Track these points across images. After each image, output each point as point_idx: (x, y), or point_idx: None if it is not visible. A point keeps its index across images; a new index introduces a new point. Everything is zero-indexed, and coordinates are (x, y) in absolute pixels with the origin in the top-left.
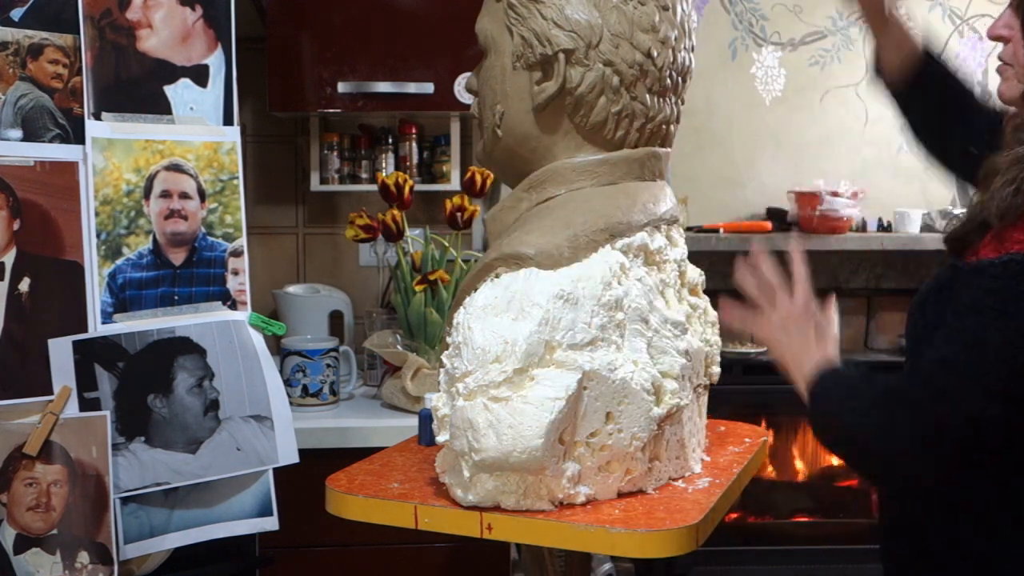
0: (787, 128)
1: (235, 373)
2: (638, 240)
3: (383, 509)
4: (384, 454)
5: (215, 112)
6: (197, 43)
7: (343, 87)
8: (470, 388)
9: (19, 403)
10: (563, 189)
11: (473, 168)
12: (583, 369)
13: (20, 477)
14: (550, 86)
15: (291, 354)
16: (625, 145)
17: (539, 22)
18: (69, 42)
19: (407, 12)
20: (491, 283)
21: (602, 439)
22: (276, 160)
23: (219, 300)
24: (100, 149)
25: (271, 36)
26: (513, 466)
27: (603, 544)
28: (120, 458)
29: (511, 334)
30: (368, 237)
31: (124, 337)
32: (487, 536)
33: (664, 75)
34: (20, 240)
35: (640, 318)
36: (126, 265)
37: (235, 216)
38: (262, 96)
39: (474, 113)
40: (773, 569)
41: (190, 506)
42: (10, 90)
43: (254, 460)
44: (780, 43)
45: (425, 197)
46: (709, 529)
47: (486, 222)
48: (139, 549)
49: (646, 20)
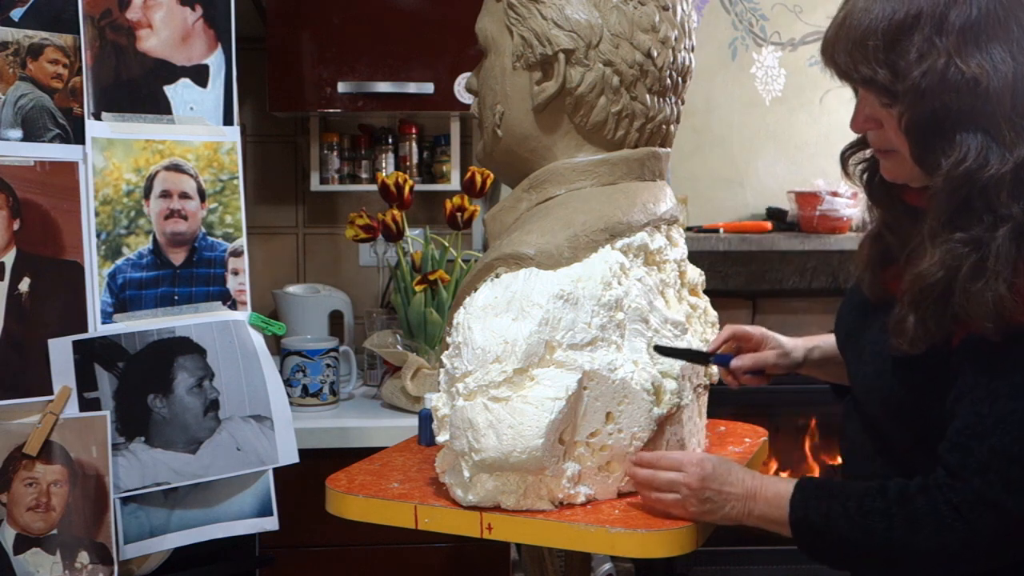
0: (787, 128)
1: (235, 373)
2: (638, 240)
3: (383, 509)
4: (384, 454)
5: (215, 112)
6: (197, 43)
7: (343, 87)
8: (470, 388)
9: (19, 403)
10: (563, 189)
11: (473, 168)
12: (583, 369)
13: (20, 477)
14: (550, 86)
15: (291, 354)
16: (625, 145)
17: (539, 22)
18: (69, 42)
19: (407, 12)
20: (491, 283)
21: (602, 439)
22: (276, 160)
23: (219, 300)
24: (100, 149)
25: (271, 36)
26: (513, 466)
27: (603, 544)
28: (120, 458)
29: (511, 334)
30: (368, 237)
31: (124, 337)
32: (487, 536)
33: (664, 75)
34: (20, 240)
35: (640, 318)
36: (126, 265)
37: (235, 216)
38: (262, 96)
39: (474, 113)
40: (773, 569)
41: (190, 506)
42: (10, 90)
43: (254, 460)
44: (780, 43)
45: (425, 197)
46: (709, 529)
47: (486, 222)
48: (139, 549)
49: (646, 20)
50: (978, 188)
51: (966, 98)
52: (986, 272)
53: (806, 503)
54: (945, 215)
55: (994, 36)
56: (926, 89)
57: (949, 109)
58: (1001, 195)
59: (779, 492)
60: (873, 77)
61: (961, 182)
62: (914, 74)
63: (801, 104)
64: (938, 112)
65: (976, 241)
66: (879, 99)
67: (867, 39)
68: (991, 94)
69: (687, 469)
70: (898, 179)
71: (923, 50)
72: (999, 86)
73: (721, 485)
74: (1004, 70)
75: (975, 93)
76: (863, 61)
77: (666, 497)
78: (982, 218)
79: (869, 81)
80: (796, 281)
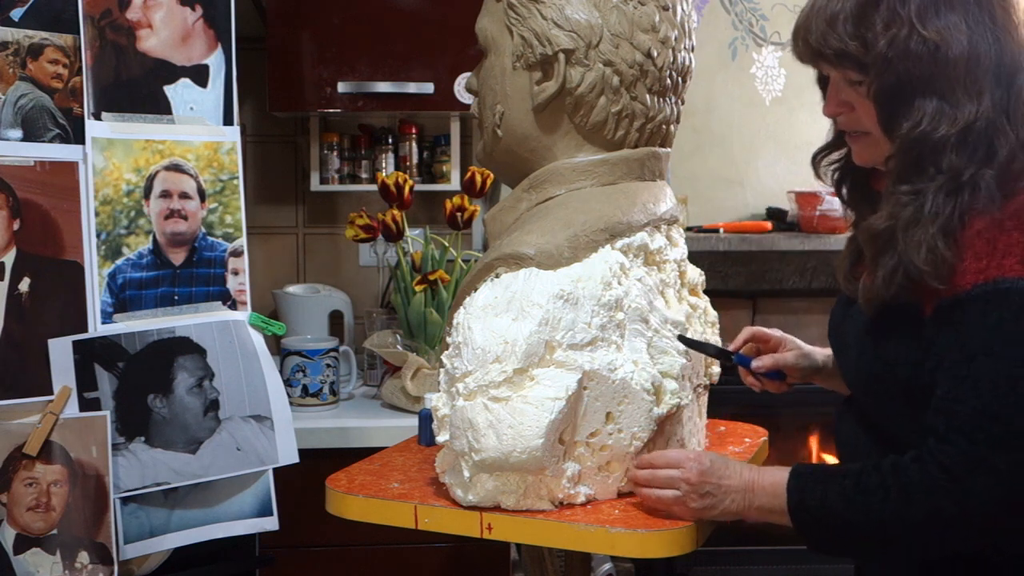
0: (787, 128)
1: (235, 373)
2: (638, 240)
3: (383, 509)
4: (384, 454)
5: (215, 112)
6: (197, 43)
7: (343, 87)
8: (470, 388)
9: (19, 403)
10: (563, 189)
11: (473, 168)
12: (583, 369)
13: (20, 477)
14: (550, 86)
15: (291, 354)
16: (625, 145)
17: (539, 22)
18: (69, 42)
19: (407, 12)
20: (491, 283)
21: (602, 439)
22: (276, 160)
23: (219, 300)
24: (100, 149)
25: (271, 36)
26: (513, 466)
27: (603, 544)
28: (120, 458)
29: (511, 334)
30: (368, 237)
31: (124, 337)
32: (487, 536)
33: (664, 75)
34: (20, 240)
35: (640, 318)
36: (126, 265)
37: (235, 216)
38: (262, 96)
39: (474, 113)
40: (773, 569)
41: (190, 506)
42: (10, 90)
43: (254, 460)
44: (780, 43)
45: (425, 197)
46: (709, 529)
47: (486, 222)
48: (139, 549)
49: (646, 20)
50: (928, 148)
51: (927, 64)
52: (922, 220)
53: (802, 488)
54: (896, 173)
55: (950, 6)
56: (892, 57)
57: (911, 75)
58: (947, 153)
59: (776, 481)
60: (844, 50)
61: (914, 143)
62: (880, 44)
63: (801, 104)
64: (902, 78)
65: (916, 192)
66: (850, 76)
67: (837, 16)
68: (949, 60)
69: (685, 465)
70: (868, 162)
71: (888, 20)
72: (956, 53)
73: (720, 479)
74: (960, 37)
75: (935, 59)
76: (834, 36)
77: (666, 495)
78: (926, 173)
79: (841, 55)
80: (796, 281)
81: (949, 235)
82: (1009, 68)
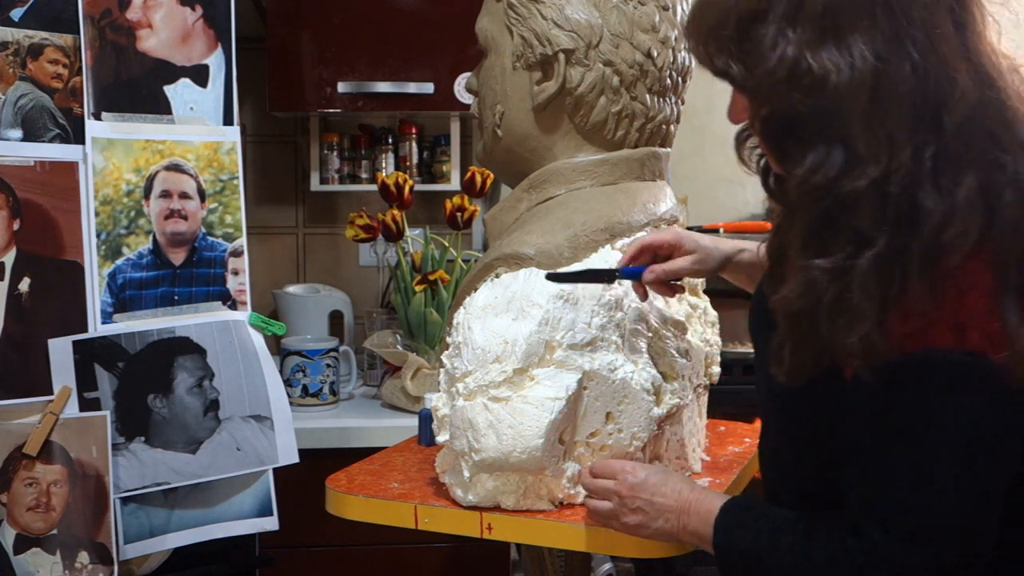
0: None
1: (235, 373)
2: None
3: (383, 509)
4: (384, 454)
5: (215, 112)
6: (197, 43)
7: (343, 87)
8: (470, 388)
9: (19, 403)
10: (563, 189)
11: (473, 168)
12: (583, 369)
13: (20, 477)
14: (550, 86)
15: (291, 354)
16: (625, 145)
17: (539, 22)
18: (69, 42)
19: (407, 12)
20: (491, 283)
21: (602, 439)
22: (276, 160)
23: (219, 300)
24: (100, 149)
25: (271, 36)
26: (513, 466)
27: (603, 544)
28: (120, 458)
29: (511, 334)
30: (368, 237)
31: (124, 337)
32: (487, 536)
33: (664, 75)
34: (20, 240)
35: (640, 318)
36: (126, 265)
37: (235, 216)
38: (262, 96)
39: (474, 113)
40: None
41: (190, 506)
42: (10, 90)
43: (254, 460)
44: None
45: (425, 197)
46: None
47: (486, 222)
48: (139, 549)
49: (646, 20)
50: (838, 203)
51: (815, 98)
52: (851, 309)
53: (728, 528)
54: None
55: (856, 26)
56: (774, 86)
57: (798, 109)
58: (863, 215)
59: (711, 509)
60: (727, 71)
61: (817, 195)
62: (763, 69)
63: None
64: (787, 112)
65: (837, 271)
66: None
67: (722, 27)
68: (842, 95)
69: (619, 476)
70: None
71: (774, 41)
72: (853, 86)
73: (652, 495)
74: (861, 67)
75: (823, 92)
76: (717, 52)
77: (600, 506)
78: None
79: (723, 75)
80: None
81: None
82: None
